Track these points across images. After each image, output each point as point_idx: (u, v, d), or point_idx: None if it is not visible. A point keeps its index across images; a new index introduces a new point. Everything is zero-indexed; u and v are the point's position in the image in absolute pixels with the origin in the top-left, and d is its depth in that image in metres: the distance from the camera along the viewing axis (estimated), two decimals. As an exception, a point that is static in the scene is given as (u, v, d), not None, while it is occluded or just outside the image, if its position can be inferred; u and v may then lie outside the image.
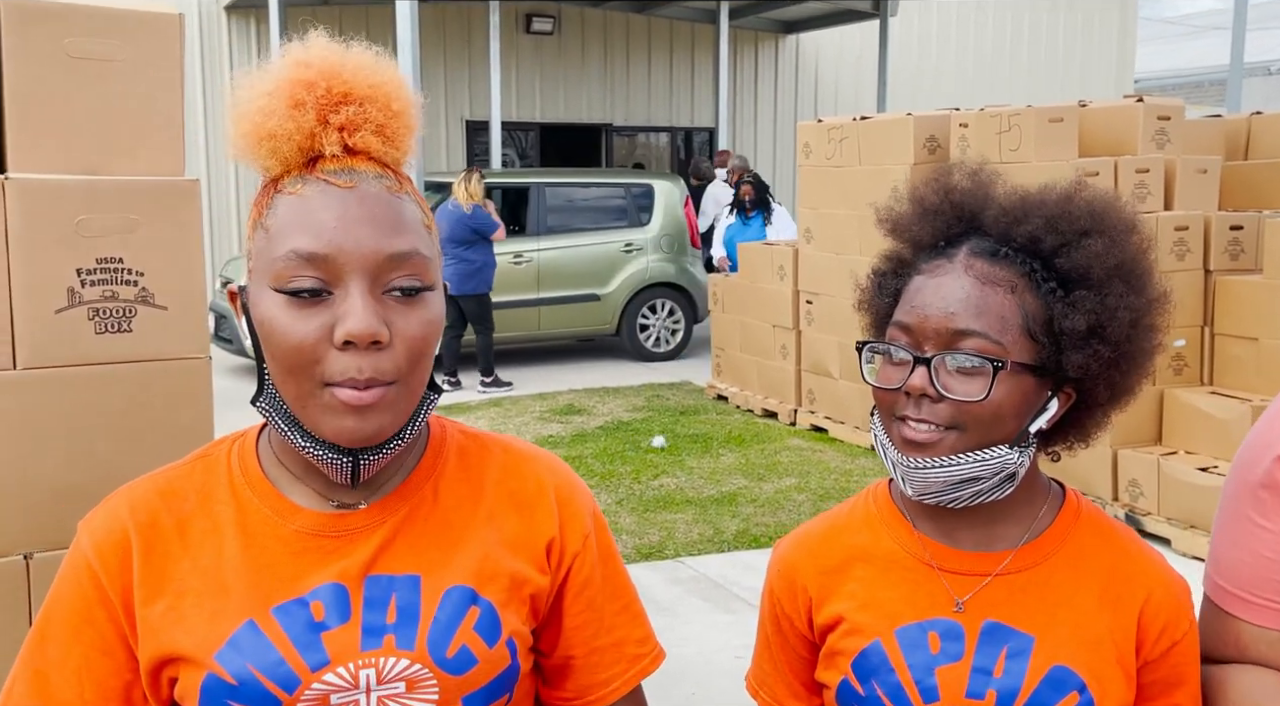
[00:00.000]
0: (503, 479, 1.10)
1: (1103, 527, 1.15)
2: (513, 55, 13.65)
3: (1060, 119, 5.57)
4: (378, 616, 1.00)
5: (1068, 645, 1.08)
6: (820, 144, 7.09)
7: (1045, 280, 1.06)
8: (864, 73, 15.26)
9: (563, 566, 1.09)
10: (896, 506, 1.18)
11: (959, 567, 1.11)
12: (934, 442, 1.04)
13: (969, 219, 1.11)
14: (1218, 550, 1.13)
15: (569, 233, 9.77)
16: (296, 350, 0.93)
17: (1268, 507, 1.07)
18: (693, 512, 5.54)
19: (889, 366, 1.08)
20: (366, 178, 0.97)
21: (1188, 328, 5.29)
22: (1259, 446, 1.09)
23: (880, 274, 1.17)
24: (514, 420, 7.58)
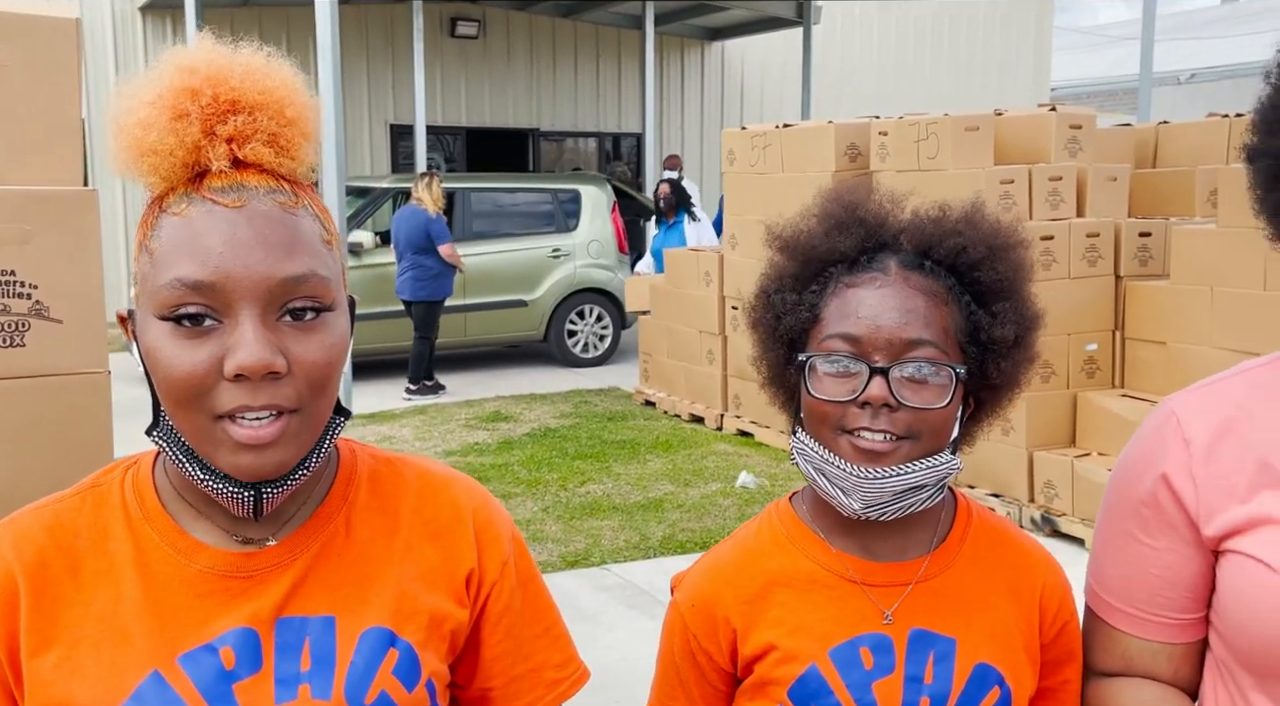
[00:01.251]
0: (419, 506, 1.05)
1: (991, 523, 1.20)
2: (437, 58, 13.55)
3: (976, 127, 5.68)
4: (291, 664, 0.94)
5: (986, 643, 1.12)
6: (744, 151, 7.15)
7: (962, 293, 1.11)
8: (789, 80, 15.42)
9: (481, 596, 1.05)
10: (807, 526, 1.17)
11: (880, 580, 1.13)
12: (890, 452, 1.06)
13: (884, 233, 1.13)
14: (1101, 566, 1.15)
15: (496, 238, 9.72)
16: (185, 382, 0.87)
17: (1151, 525, 1.08)
18: (619, 519, 5.54)
19: (831, 379, 1.07)
20: (257, 194, 0.90)
21: (1100, 332, 5.43)
22: (1140, 463, 1.10)
23: (778, 292, 1.15)
24: (439, 428, 7.51)
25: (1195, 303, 4.98)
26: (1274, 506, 1.00)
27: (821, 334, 1.10)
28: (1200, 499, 1.05)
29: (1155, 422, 1.11)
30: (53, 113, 1.76)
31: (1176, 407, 1.09)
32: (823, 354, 1.08)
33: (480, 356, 10.31)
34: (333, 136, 7.53)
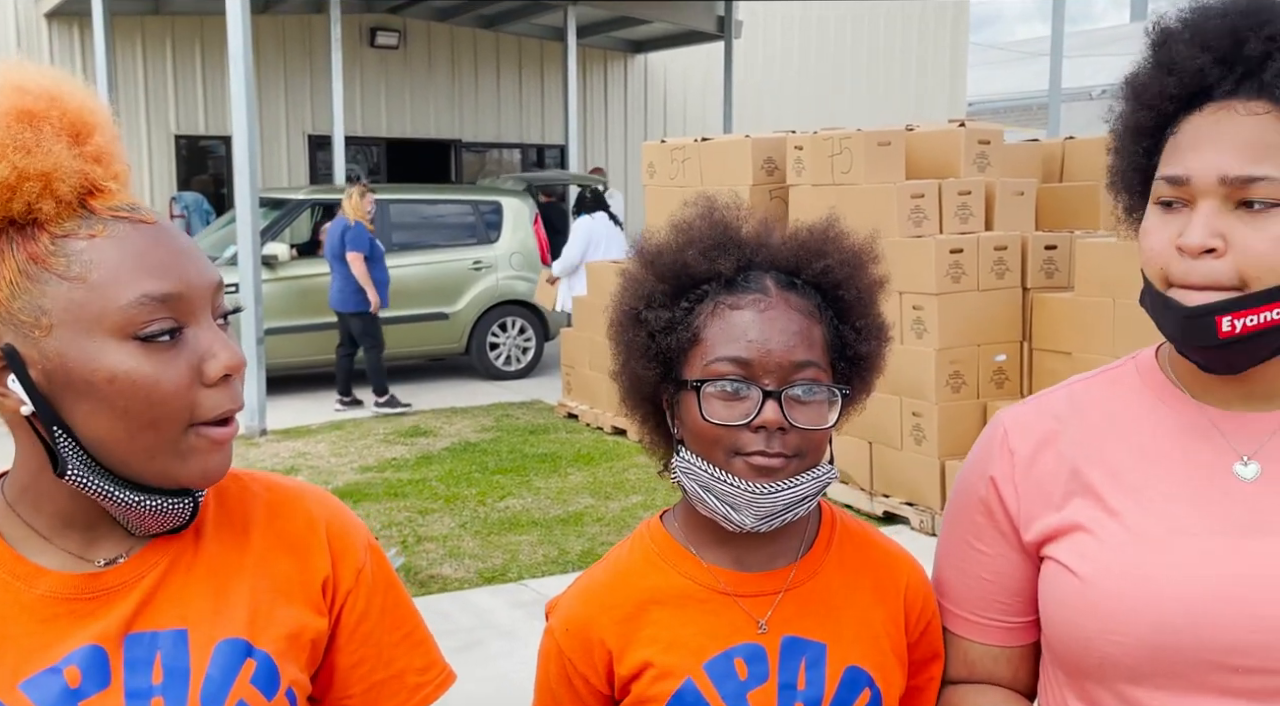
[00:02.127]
0: (270, 519, 1.05)
1: (854, 528, 1.23)
2: (356, 69, 13.41)
3: (888, 142, 5.77)
4: (142, 678, 0.93)
5: (855, 645, 1.14)
6: (664, 164, 7.18)
7: (827, 310, 1.13)
8: (710, 92, 15.55)
9: (337, 604, 1.06)
10: (679, 543, 1.18)
11: (751, 590, 1.14)
12: (781, 468, 1.07)
13: (757, 253, 1.14)
14: (941, 574, 1.20)
15: (416, 250, 9.63)
16: (170, 397, 0.89)
17: (984, 531, 1.13)
18: (538, 533, 5.51)
19: (722, 402, 1.08)
20: (144, 210, 0.93)
21: (1008, 343, 5.55)
22: (974, 472, 1.15)
23: (650, 309, 1.14)
24: (356, 442, 7.41)
25: (1099, 313, 5.11)
26: (1081, 514, 1.05)
27: (706, 356, 1.09)
28: (1022, 506, 1.10)
29: (987, 434, 1.16)
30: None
31: (1005, 420, 1.15)
32: (713, 378, 1.08)
33: (401, 370, 10.19)
34: (245, 146, 7.41)
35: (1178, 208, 0.97)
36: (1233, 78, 0.96)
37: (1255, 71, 0.95)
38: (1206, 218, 0.95)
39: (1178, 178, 0.97)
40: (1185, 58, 0.97)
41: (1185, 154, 0.97)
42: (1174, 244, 0.96)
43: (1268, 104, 0.95)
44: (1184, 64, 0.97)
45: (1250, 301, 0.95)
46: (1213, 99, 0.97)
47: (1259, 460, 1.01)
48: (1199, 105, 0.98)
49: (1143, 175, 1.04)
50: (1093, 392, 1.13)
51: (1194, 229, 0.95)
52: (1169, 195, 0.98)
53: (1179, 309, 0.97)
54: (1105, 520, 1.04)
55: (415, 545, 5.30)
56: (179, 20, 12.23)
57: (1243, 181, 0.94)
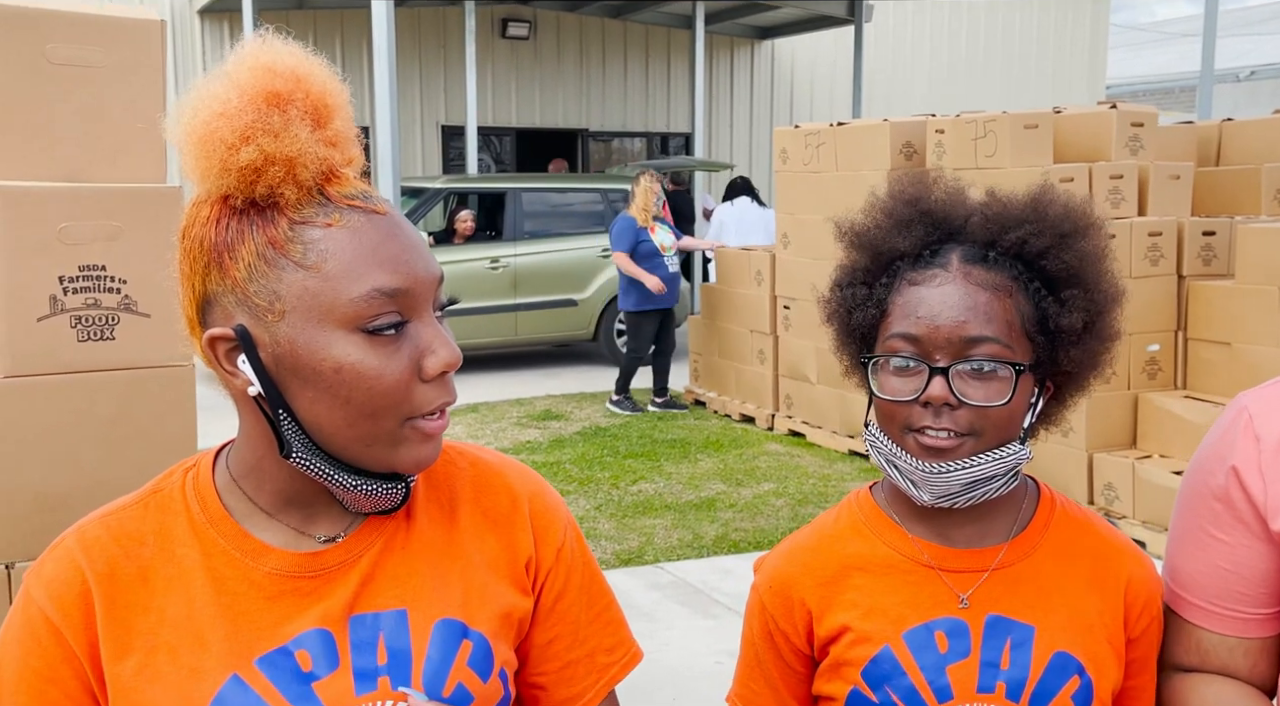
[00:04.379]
0: (476, 496, 1.06)
1: (1077, 515, 1.20)
2: (488, 59, 13.64)
3: (1035, 125, 5.62)
4: (368, 659, 0.95)
5: (1065, 631, 1.12)
6: (797, 149, 7.12)
7: (1030, 282, 1.10)
8: (839, 78, 15.34)
9: (538, 583, 1.06)
10: (885, 513, 1.19)
11: (956, 566, 1.14)
12: (954, 448, 1.07)
13: (948, 227, 1.13)
14: (1175, 560, 1.16)
15: (546, 238, 9.76)
16: (391, 390, 0.90)
17: (1222, 519, 1.09)
18: (671, 517, 5.54)
19: (895, 378, 1.08)
20: (376, 198, 0.94)
21: (1162, 332, 5.35)
22: (1212, 458, 1.11)
23: (850, 286, 1.16)
24: (491, 426, 7.56)
25: (1261, 302, 4.89)
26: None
27: (887, 332, 1.10)
28: (1269, 495, 1.06)
29: (1228, 418, 1.11)
30: (139, 112, 1.81)
31: (1249, 403, 1.10)
32: (885, 354, 1.09)
33: (530, 356, 10.37)
34: (389, 138, 7.61)
35: None
36: None
37: None
38: None
39: None
40: None
41: None
42: None
43: None
44: None
45: None
46: None
47: None
48: None
49: None
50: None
51: None
52: None
53: None
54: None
55: (553, 526, 5.38)
56: (320, 14, 12.62)
57: None
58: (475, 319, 9.33)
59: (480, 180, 10.62)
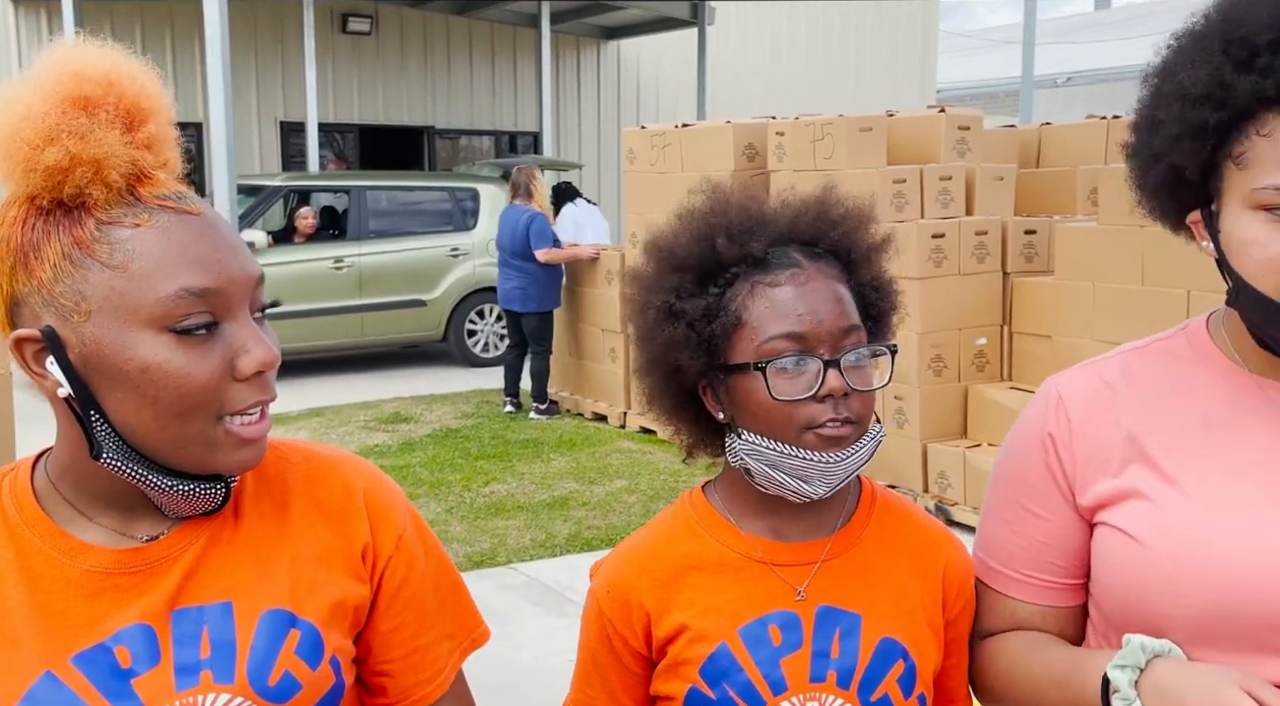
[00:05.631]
0: (308, 488, 1.06)
1: (896, 505, 1.26)
2: (329, 55, 13.30)
3: (870, 128, 5.82)
4: (190, 652, 0.95)
5: (890, 617, 1.17)
6: (644, 150, 7.20)
7: (847, 274, 1.17)
8: (684, 79, 15.55)
9: (377, 571, 1.07)
10: (718, 512, 1.21)
11: (788, 560, 1.17)
12: (849, 435, 1.11)
13: (779, 229, 1.16)
14: (990, 537, 1.22)
15: (392, 237, 9.60)
16: (201, 390, 0.90)
17: (1038, 494, 1.16)
18: (524, 518, 5.53)
19: (784, 379, 1.10)
20: (191, 199, 0.94)
21: (989, 327, 5.62)
22: (1028, 436, 1.18)
23: (683, 299, 1.14)
24: (337, 430, 7.39)
25: (1077, 297, 5.19)
26: (1139, 480, 1.08)
27: (757, 337, 1.10)
28: (1078, 470, 1.13)
29: (1040, 399, 1.19)
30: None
31: (1059, 385, 1.18)
32: (774, 356, 1.10)
33: (378, 357, 10.17)
34: (224, 134, 7.36)
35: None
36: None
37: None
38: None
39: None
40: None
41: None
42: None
43: None
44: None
45: None
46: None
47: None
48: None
49: (1204, 168, 1.03)
50: (1146, 362, 1.16)
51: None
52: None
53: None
54: (1164, 487, 1.07)
55: (403, 530, 5.30)
56: (149, 7, 12.08)
57: None
58: (319, 320, 9.11)
59: (321, 178, 10.37)
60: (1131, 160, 1.12)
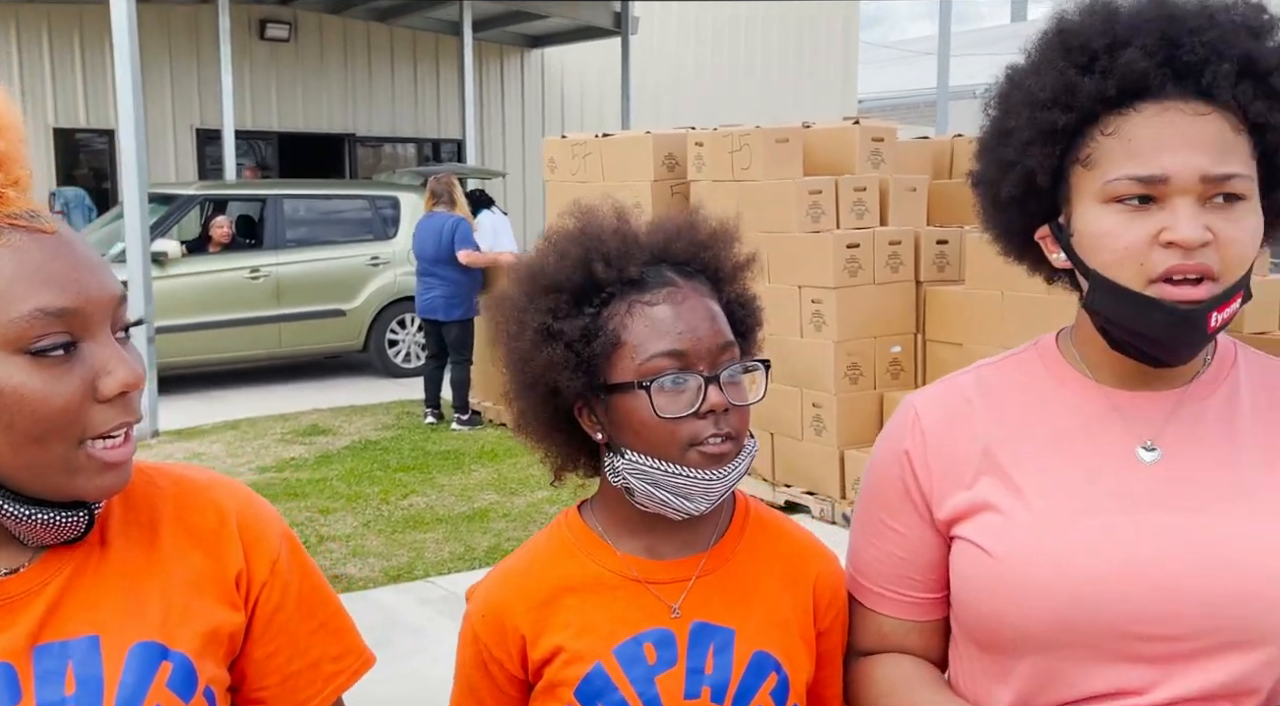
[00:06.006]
0: (179, 514, 1.04)
1: (769, 518, 1.27)
2: (246, 61, 13.09)
3: (786, 140, 5.88)
4: (54, 690, 0.92)
5: (763, 631, 1.18)
6: (565, 159, 7.19)
7: (720, 292, 1.19)
8: (609, 88, 15.59)
9: (252, 597, 1.05)
10: (594, 532, 1.21)
11: (663, 577, 1.18)
12: (729, 451, 1.12)
13: (654, 250, 1.17)
14: (856, 551, 1.24)
15: (311, 246, 9.46)
16: (60, 413, 0.88)
17: (897, 510, 1.18)
18: (443, 530, 5.48)
19: (667, 397, 1.10)
20: (45, 217, 0.91)
21: (903, 335, 5.71)
22: (887, 453, 1.20)
23: (559, 320, 1.14)
24: (252, 443, 7.26)
25: (988, 305, 5.30)
26: (991, 493, 1.11)
27: (637, 356, 1.11)
28: (934, 485, 1.15)
29: (899, 416, 1.21)
30: None
31: (916, 402, 1.20)
32: (657, 375, 1.10)
33: (297, 368, 10.00)
34: (133, 140, 7.19)
35: (1145, 206, 1.00)
36: (1169, 80, 1.01)
37: (1191, 74, 1.00)
38: (1194, 213, 0.98)
39: (1154, 176, 0.99)
40: (1127, 60, 1.00)
41: (1154, 153, 0.99)
42: (1155, 240, 0.99)
43: (1208, 105, 1.00)
44: (1125, 66, 1.01)
45: (1229, 294, 1.01)
46: (1147, 100, 1.01)
47: (1160, 444, 1.08)
48: (1128, 106, 1.02)
49: (1053, 176, 1.07)
50: (1000, 376, 1.18)
51: (1187, 224, 0.97)
52: (1139, 192, 1.00)
53: (1174, 310, 0.99)
54: (1013, 500, 1.09)
55: (317, 545, 5.22)
56: (55, 9, 11.78)
57: (1221, 178, 0.98)
58: (234, 331, 8.94)
59: (237, 186, 10.18)
60: (980, 184, 1.15)
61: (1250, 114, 1.00)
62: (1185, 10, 1.03)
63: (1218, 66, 0.99)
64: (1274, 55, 1.01)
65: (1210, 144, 1.00)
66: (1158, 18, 1.02)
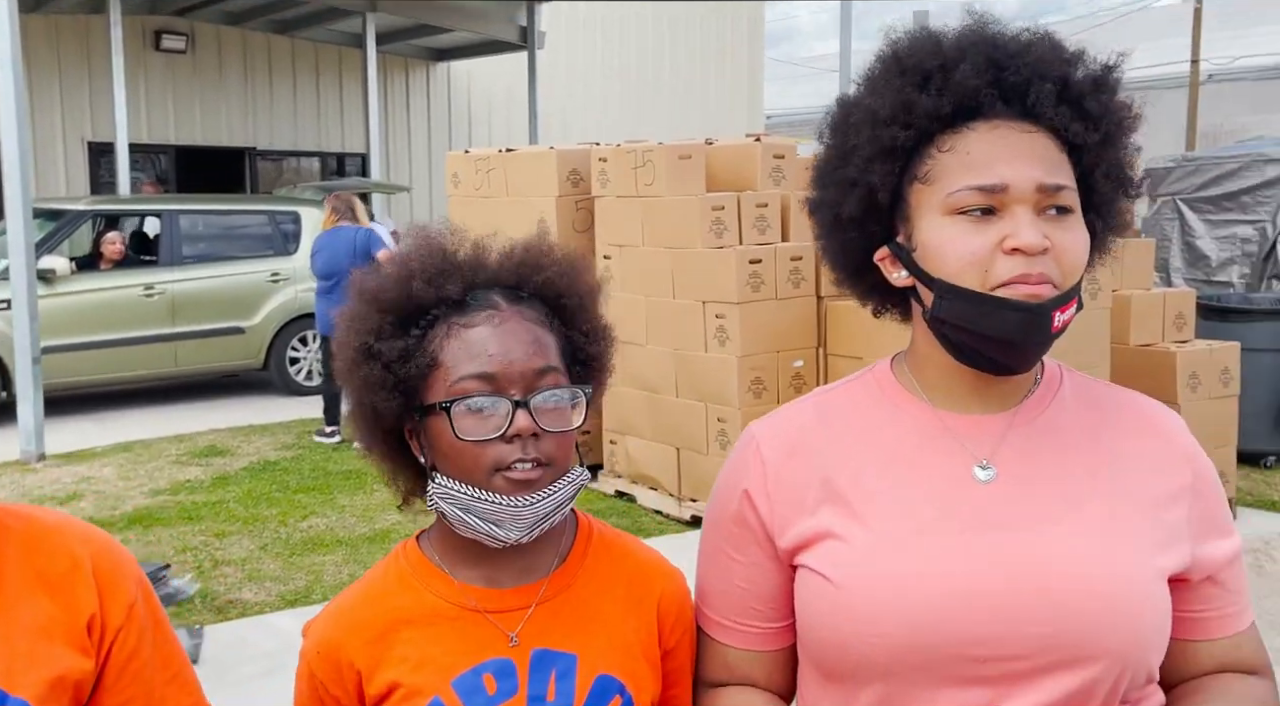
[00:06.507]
0: (27, 556, 1.00)
1: (614, 540, 1.26)
2: (141, 73, 12.74)
3: (689, 156, 5.91)
4: None
5: (606, 654, 1.17)
6: (468, 174, 7.13)
7: (552, 318, 1.18)
8: (516, 103, 15.54)
9: (105, 643, 1.02)
10: (431, 562, 1.19)
11: (502, 606, 1.16)
12: (539, 478, 1.10)
13: (483, 273, 1.17)
14: (701, 582, 1.23)
15: (208, 262, 9.22)
16: None
17: (739, 540, 1.17)
18: (343, 552, 5.36)
19: (473, 420, 1.09)
20: None
21: (805, 349, 5.77)
22: (728, 484, 1.20)
23: (381, 340, 1.13)
24: (145, 466, 7.03)
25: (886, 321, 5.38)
26: (832, 521, 1.11)
27: (449, 377, 1.10)
28: (775, 515, 1.15)
29: (740, 446, 1.21)
30: None
31: (756, 431, 1.20)
32: (463, 397, 1.09)
33: (194, 387, 9.73)
34: (16, 153, 6.94)
35: (987, 217, 1.04)
36: (997, 100, 1.06)
37: (1017, 95, 1.06)
38: (1033, 221, 1.03)
39: (995, 185, 1.03)
40: (960, 79, 1.05)
41: (992, 165, 1.04)
42: (998, 248, 1.03)
43: (1034, 125, 1.06)
44: (959, 85, 1.05)
45: (1068, 297, 1.04)
46: (979, 118, 1.06)
47: (995, 464, 1.10)
48: (962, 124, 1.06)
49: (892, 193, 1.10)
50: (837, 402, 1.19)
51: (1029, 231, 1.02)
52: (981, 203, 1.04)
53: (1022, 306, 1.02)
54: (854, 526, 1.09)
55: (212, 570, 5.07)
56: (-63, 16, 11.33)
57: (1054, 189, 1.04)
58: (127, 350, 8.67)
59: (131, 201, 9.89)
60: (820, 207, 1.17)
61: (1069, 135, 1.06)
62: (1003, 37, 1.09)
63: (1040, 87, 1.05)
64: (1087, 81, 1.08)
65: (1040, 157, 1.05)
66: (981, 42, 1.08)
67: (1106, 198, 1.11)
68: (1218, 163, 7.67)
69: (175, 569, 4.96)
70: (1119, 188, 1.12)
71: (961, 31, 1.10)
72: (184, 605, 4.58)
